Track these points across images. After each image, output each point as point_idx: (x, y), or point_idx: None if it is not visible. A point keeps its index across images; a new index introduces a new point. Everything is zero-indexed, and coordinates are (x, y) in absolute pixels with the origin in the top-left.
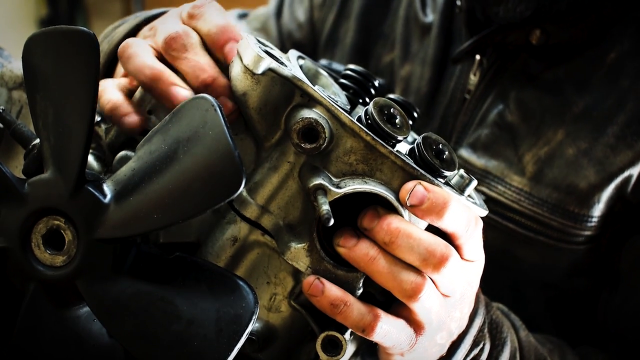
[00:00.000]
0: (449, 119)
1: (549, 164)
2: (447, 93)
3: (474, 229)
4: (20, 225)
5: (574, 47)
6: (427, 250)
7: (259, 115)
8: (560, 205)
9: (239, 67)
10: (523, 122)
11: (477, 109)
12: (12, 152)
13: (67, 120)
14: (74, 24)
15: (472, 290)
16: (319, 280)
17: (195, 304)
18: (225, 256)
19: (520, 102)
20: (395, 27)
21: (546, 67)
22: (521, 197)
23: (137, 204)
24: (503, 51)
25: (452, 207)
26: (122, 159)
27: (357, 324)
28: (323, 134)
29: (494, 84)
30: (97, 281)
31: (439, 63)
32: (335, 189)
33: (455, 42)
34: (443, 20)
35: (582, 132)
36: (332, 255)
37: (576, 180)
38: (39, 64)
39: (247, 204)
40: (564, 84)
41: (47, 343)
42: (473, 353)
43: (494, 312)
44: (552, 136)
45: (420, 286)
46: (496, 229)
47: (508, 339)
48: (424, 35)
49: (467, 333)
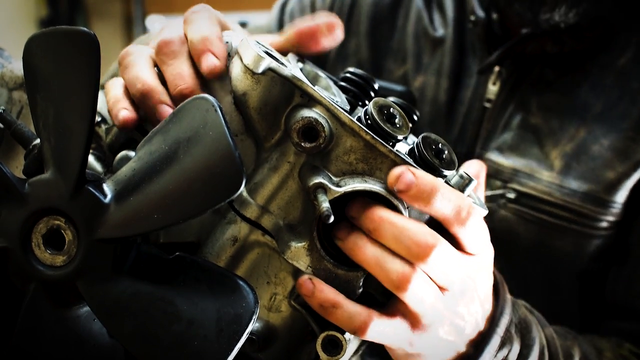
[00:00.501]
0: (468, 125)
1: (575, 158)
2: (465, 102)
3: (467, 216)
4: (20, 225)
5: (585, 55)
6: (411, 238)
7: (259, 115)
8: (591, 194)
9: (239, 67)
10: (546, 123)
11: (500, 116)
12: (12, 153)
13: (67, 121)
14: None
15: (476, 286)
16: (311, 280)
17: (196, 304)
18: (226, 256)
19: (541, 106)
20: (405, 42)
21: (561, 73)
22: (552, 190)
23: (137, 204)
24: (521, 61)
25: (440, 193)
26: (122, 159)
27: (348, 325)
28: (323, 133)
29: (514, 92)
30: (98, 281)
31: (455, 74)
32: (335, 188)
33: (468, 54)
34: (456, 35)
35: (602, 130)
36: (332, 254)
37: (604, 171)
38: (39, 64)
39: (247, 204)
40: (580, 88)
41: (48, 343)
42: (502, 354)
43: (522, 312)
44: (575, 133)
45: (408, 276)
46: (530, 222)
47: (537, 337)
48: (435, 48)
49: (494, 332)
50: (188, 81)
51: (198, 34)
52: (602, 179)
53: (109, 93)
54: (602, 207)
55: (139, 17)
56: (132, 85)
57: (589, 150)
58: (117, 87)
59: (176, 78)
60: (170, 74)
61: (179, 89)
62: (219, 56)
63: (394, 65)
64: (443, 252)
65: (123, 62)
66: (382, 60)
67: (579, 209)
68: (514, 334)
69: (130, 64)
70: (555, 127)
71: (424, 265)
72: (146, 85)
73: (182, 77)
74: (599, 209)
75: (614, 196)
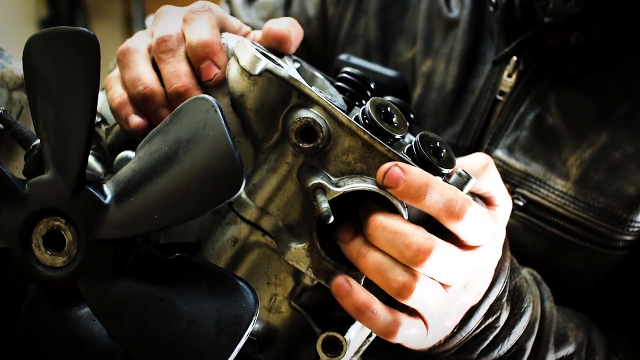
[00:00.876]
0: (475, 117)
1: (594, 167)
2: (475, 91)
3: (462, 210)
4: (20, 226)
5: (614, 51)
6: (404, 243)
7: (257, 116)
8: (608, 210)
9: (236, 68)
10: (565, 125)
11: (514, 112)
12: (12, 153)
13: (67, 121)
14: (74, 24)
15: (481, 278)
16: (348, 282)
17: (196, 305)
18: (226, 257)
19: (560, 104)
20: (417, 21)
21: (586, 69)
22: (566, 201)
23: (137, 205)
24: (542, 53)
25: (431, 188)
26: (122, 159)
27: (380, 330)
28: (321, 133)
29: (531, 86)
30: (98, 282)
31: (467, 60)
32: (334, 188)
33: (484, 39)
34: (472, 17)
35: (627, 135)
36: (332, 254)
37: (624, 184)
38: (39, 64)
39: (246, 205)
40: (606, 87)
41: (48, 344)
42: (488, 321)
43: (518, 280)
44: (596, 138)
45: (409, 284)
46: (539, 234)
47: (529, 307)
48: (448, 30)
49: (482, 303)
50: (184, 80)
51: (197, 37)
52: (622, 193)
53: (110, 90)
54: (620, 226)
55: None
56: (133, 87)
57: (610, 157)
58: (119, 86)
59: (172, 76)
60: (167, 72)
61: (175, 87)
62: (219, 64)
63: (403, 47)
64: (440, 254)
65: (122, 61)
66: (391, 41)
67: (593, 226)
68: (504, 302)
69: (130, 63)
70: (575, 129)
71: (423, 269)
72: (148, 89)
73: (179, 76)
74: (616, 227)
75: (634, 215)
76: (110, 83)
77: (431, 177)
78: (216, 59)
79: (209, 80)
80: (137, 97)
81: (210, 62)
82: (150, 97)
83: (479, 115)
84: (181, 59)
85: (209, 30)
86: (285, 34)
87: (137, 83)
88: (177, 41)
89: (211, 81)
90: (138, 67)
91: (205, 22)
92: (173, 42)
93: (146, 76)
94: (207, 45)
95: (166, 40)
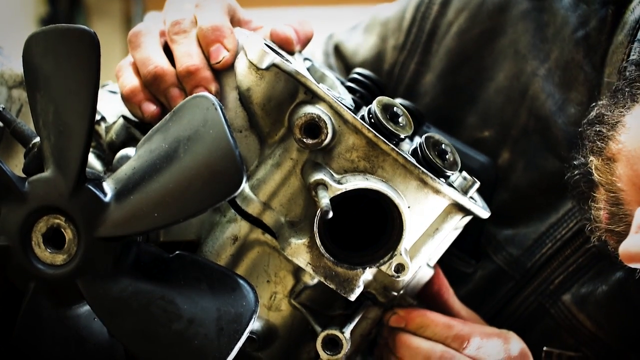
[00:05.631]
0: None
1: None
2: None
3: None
4: (20, 223)
5: None
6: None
7: (263, 111)
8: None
9: (244, 62)
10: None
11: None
12: (12, 151)
13: (67, 119)
14: (73, 22)
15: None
16: (397, 314)
17: (196, 303)
18: (226, 255)
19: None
20: (491, 96)
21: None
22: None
23: (137, 203)
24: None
25: None
26: (122, 157)
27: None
28: (325, 129)
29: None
30: (98, 280)
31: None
32: (336, 185)
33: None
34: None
35: None
36: (332, 252)
37: None
38: (39, 62)
39: (249, 200)
40: None
41: (47, 342)
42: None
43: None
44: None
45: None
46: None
47: None
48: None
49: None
50: (196, 60)
51: (208, 21)
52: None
53: (121, 77)
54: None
55: (138, 15)
56: (144, 66)
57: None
58: (130, 72)
59: (184, 56)
60: (179, 52)
61: (186, 65)
62: (228, 47)
63: (474, 122)
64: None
65: (134, 42)
66: (460, 112)
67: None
68: None
69: (142, 44)
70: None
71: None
72: (158, 68)
73: (190, 55)
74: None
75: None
76: (122, 70)
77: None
78: (226, 42)
79: (217, 63)
80: (148, 77)
81: (220, 45)
82: (161, 76)
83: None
84: (193, 41)
85: (220, 15)
86: (289, 35)
87: (148, 62)
88: (189, 24)
89: (219, 63)
90: (149, 48)
91: (216, 8)
92: (186, 25)
93: (157, 56)
94: (217, 28)
95: (179, 22)
